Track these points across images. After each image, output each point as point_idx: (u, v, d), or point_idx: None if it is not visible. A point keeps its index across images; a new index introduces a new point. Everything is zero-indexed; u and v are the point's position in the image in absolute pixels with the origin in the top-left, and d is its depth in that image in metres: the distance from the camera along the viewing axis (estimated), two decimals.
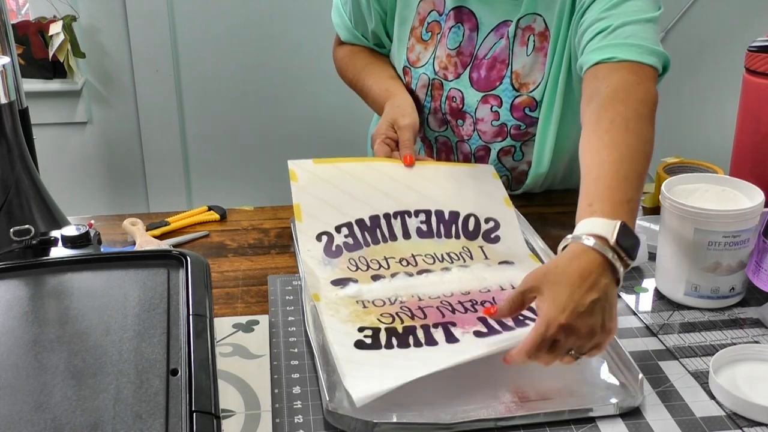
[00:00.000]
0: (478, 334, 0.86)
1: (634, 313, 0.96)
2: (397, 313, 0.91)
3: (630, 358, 0.85)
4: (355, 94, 1.37)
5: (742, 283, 0.96)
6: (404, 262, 1.00)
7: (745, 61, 1.16)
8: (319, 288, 0.94)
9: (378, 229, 1.02)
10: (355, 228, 1.01)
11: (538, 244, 1.06)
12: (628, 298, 0.99)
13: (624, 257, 0.80)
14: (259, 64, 2.49)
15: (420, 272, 0.99)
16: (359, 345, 0.85)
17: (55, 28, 2.34)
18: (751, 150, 1.18)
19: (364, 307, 0.92)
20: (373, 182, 1.08)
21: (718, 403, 0.81)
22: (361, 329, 0.87)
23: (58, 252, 0.92)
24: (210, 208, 1.22)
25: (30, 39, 2.38)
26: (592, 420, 0.78)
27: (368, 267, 0.98)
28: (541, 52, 1.18)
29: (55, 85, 2.45)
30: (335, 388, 0.79)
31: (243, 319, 0.94)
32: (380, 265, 0.99)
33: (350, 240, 0.99)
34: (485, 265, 1.02)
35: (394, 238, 1.03)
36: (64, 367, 0.70)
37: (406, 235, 1.04)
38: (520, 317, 0.87)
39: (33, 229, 0.93)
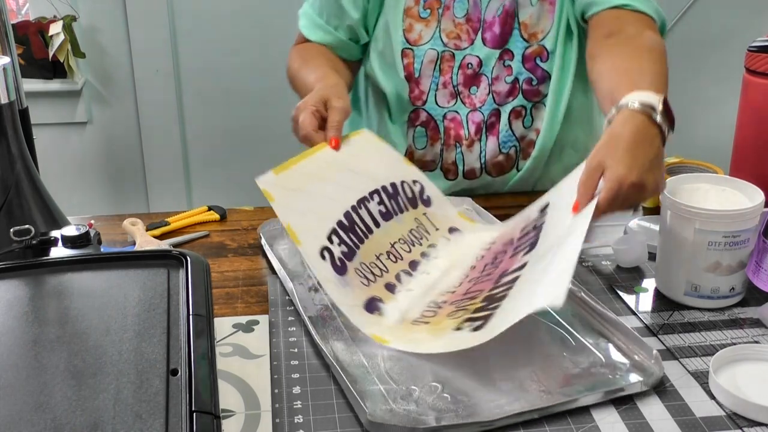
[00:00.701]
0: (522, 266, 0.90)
1: (634, 313, 0.96)
2: (459, 308, 0.91)
3: (638, 335, 0.87)
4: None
5: (742, 283, 0.96)
6: (393, 257, 1.00)
7: (745, 61, 1.16)
8: (365, 324, 0.91)
9: (356, 226, 1.01)
10: (341, 233, 0.99)
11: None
12: (628, 298, 0.99)
13: (668, 123, 0.92)
14: (259, 64, 2.49)
15: (413, 267, 1.00)
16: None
17: (55, 28, 2.34)
18: (751, 150, 1.18)
19: (427, 323, 0.91)
20: (328, 176, 1.04)
21: (718, 403, 0.81)
22: (458, 328, 0.87)
23: (58, 252, 0.92)
24: (210, 208, 1.22)
25: (30, 39, 2.38)
26: (592, 420, 0.78)
27: (373, 275, 0.98)
28: (545, 0, 1.22)
29: (55, 85, 2.46)
30: (365, 397, 0.79)
31: (243, 319, 0.94)
32: (380, 270, 0.99)
33: (344, 248, 0.98)
34: (445, 240, 1.06)
35: (369, 230, 1.02)
36: (64, 367, 0.70)
37: (376, 223, 1.03)
38: None
39: (33, 229, 0.93)
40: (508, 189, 1.33)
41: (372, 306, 0.94)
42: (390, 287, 0.97)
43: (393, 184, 1.07)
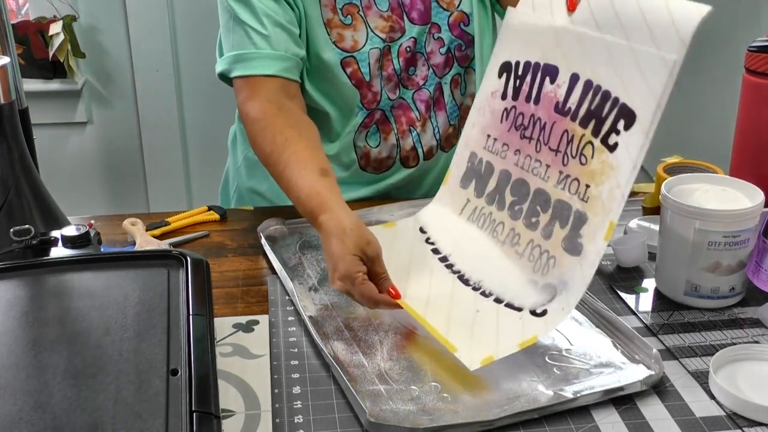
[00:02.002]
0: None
1: (634, 313, 0.96)
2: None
3: (638, 335, 0.87)
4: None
5: (742, 283, 0.96)
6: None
7: (745, 61, 1.16)
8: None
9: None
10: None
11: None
12: (628, 298, 0.99)
13: None
14: None
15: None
16: None
17: (55, 28, 2.34)
18: (751, 150, 1.18)
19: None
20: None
21: (718, 403, 0.81)
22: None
23: (58, 252, 0.92)
24: (210, 208, 1.22)
25: (30, 39, 2.38)
26: (592, 420, 0.78)
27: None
28: None
29: (55, 85, 2.46)
30: (365, 397, 0.79)
31: (243, 319, 0.94)
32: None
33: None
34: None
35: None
36: (64, 367, 0.70)
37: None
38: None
39: (33, 229, 0.93)
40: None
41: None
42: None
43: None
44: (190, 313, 0.78)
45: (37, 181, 1.01)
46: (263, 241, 1.09)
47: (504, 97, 1.02)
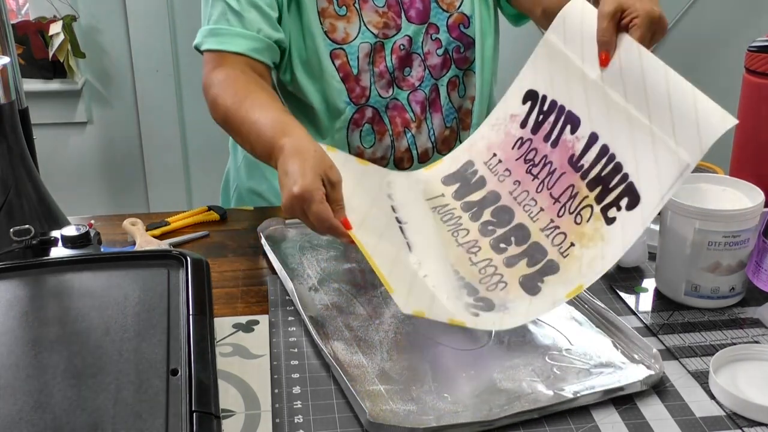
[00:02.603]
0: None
1: (634, 313, 0.96)
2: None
3: (638, 335, 0.87)
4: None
5: (742, 283, 0.96)
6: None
7: (745, 61, 1.16)
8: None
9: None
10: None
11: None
12: (628, 298, 0.99)
13: None
14: None
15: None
16: None
17: (55, 28, 2.34)
18: (751, 150, 1.18)
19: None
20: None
21: (718, 403, 0.81)
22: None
23: (58, 252, 0.92)
24: (210, 208, 1.22)
25: (30, 39, 2.38)
26: (592, 420, 0.78)
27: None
28: None
29: (55, 85, 2.46)
30: (365, 397, 0.79)
31: (243, 319, 0.94)
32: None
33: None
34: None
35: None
36: (64, 367, 0.70)
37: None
38: None
39: (33, 229, 0.93)
40: None
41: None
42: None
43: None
44: (190, 313, 0.78)
45: (37, 181, 1.01)
46: (263, 241, 1.09)
47: (524, 125, 1.02)
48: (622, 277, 1.04)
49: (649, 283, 1.02)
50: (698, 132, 0.81)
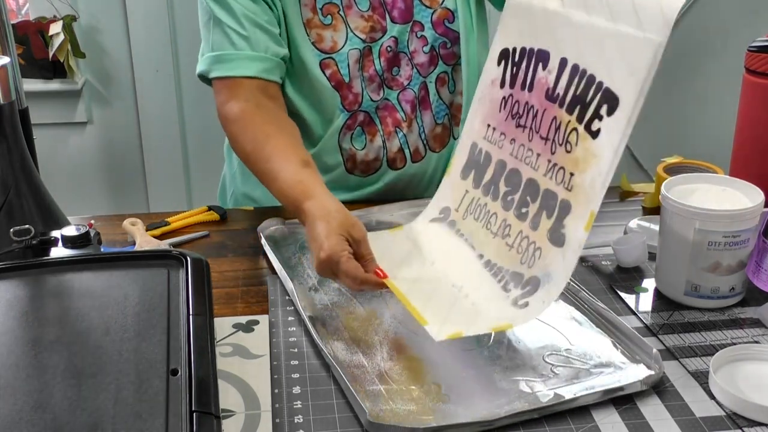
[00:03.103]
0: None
1: (634, 313, 0.96)
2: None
3: (638, 335, 0.87)
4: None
5: (742, 283, 0.96)
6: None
7: (745, 61, 1.16)
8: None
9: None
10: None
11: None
12: (628, 298, 0.99)
13: None
14: None
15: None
16: None
17: (55, 28, 2.34)
18: (751, 150, 1.18)
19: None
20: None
21: (718, 403, 0.81)
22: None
23: (58, 252, 0.92)
24: (210, 208, 1.22)
25: (30, 39, 2.38)
26: (592, 420, 0.78)
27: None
28: None
29: (55, 85, 2.46)
30: (365, 397, 0.79)
31: (243, 319, 0.94)
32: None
33: None
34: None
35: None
36: (64, 367, 0.70)
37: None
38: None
39: (33, 229, 0.93)
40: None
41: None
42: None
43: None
44: (190, 313, 0.78)
45: (37, 181, 1.01)
46: (263, 241, 1.09)
47: (502, 85, 1.02)
48: (622, 277, 1.04)
49: (649, 283, 1.02)
50: (661, 10, 0.81)
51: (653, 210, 1.21)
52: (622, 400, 0.81)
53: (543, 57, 0.95)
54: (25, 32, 2.36)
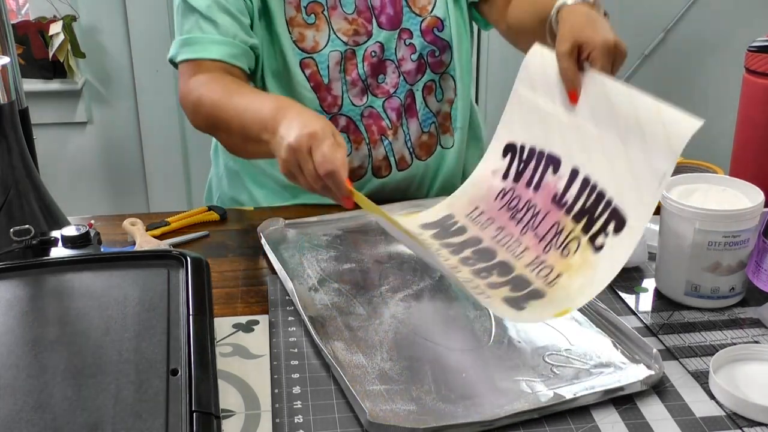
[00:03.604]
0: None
1: (634, 313, 0.96)
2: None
3: (638, 335, 0.87)
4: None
5: (742, 283, 0.96)
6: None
7: (745, 61, 1.16)
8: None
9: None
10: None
11: None
12: (628, 298, 0.99)
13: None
14: None
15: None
16: None
17: (55, 28, 2.34)
18: (751, 150, 1.18)
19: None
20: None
21: (718, 403, 0.81)
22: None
23: (58, 252, 0.92)
24: (210, 208, 1.22)
25: (30, 39, 2.38)
26: (592, 420, 0.78)
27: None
28: None
29: (55, 85, 2.46)
30: (365, 397, 0.79)
31: (243, 319, 0.94)
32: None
33: None
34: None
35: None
36: (64, 367, 0.70)
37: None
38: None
39: (33, 229, 0.93)
40: (444, 175, 1.31)
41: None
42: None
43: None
44: (190, 313, 0.78)
45: (37, 181, 1.01)
46: (263, 241, 1.09)
47: (505, 177, 1.03)
48: (622, 277, 1.04)
49: (649, 283, 1.02)
50: (668, 140, 0.84)
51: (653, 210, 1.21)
52: (622, 400, 0.81)
53: (554, 162, 0.97)
54: (25, 32, 2.37)
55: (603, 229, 0.88)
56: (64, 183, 2.55)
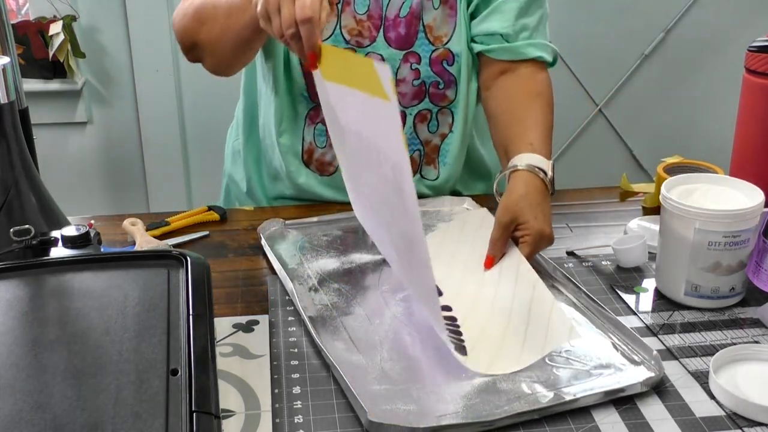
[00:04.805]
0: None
1: (634, 313, 0.96)
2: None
3: (638, 335, 0.87)
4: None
5: (742, 283, 0.96)
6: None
7: (745, 61, 1.16)
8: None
9: None
10: None
11: None
12: (628, 298, 0.99)
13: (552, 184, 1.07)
14: None
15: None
16: None
17: (55, 28, 2.34)
18: (751, 150, 1.18)
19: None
20: None
21: (718, 403, 0.81)
22: None
23: (58, 252, 0.92)
24: (210, 208, 1.22)
25: (30, 39, 2.38)
26: (592, 420, 0.78)
27: None
28: (446, 4, 1.21)
29: (55, 85, 2.46)
30: (365, 397, 0.79)
31: (243, 319, 0.94)
32: None
33: None
34: None
35: None
36: (64, 367, 0.70)
37: None
38: None
39: (33, 229, 0.93)
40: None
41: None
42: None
43: None
44: (190, 313, 0.78)
45: (37, 181, 1.01)
46: (263, 241, 1.09)
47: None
48: (622, 277, 1.04)
49: (649, 283, 1.02)
50: (545, 338, 0.87)
51: (653, 210, 1.21)
52: (622, 400, 0.81)
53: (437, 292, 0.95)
54: (25, 32, 2.36)
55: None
56: (64, 183, 2.55)
